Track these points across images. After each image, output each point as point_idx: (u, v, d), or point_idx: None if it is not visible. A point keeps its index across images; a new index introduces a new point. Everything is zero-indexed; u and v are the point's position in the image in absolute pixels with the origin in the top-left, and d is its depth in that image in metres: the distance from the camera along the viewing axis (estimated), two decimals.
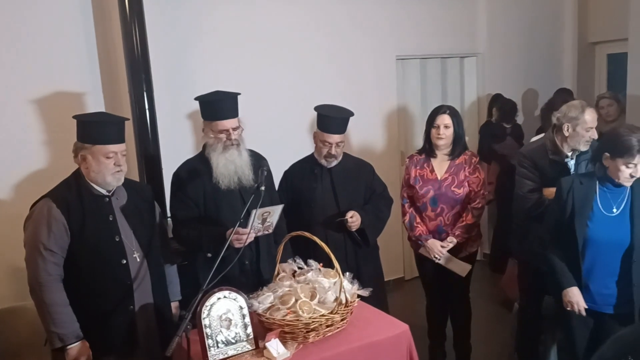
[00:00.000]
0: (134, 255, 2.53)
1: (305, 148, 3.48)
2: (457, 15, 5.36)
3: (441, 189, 3.41)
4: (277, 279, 2.62)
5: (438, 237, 3.44)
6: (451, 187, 3.40)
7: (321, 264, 2.64)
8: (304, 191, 3.32)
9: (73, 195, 2.45)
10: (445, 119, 3.38)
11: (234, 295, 2.33)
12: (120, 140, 2.50)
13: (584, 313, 2.72)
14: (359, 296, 2.54)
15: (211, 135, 2.87)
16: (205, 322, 2.25)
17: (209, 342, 2.24)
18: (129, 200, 2.59)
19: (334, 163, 3.31)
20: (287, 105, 4.44)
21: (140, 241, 2.57)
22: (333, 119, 3.21)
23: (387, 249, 4.16)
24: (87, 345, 2.40)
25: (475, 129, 5.54)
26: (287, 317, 2.32)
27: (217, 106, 2.84)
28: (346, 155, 3.40)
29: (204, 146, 2.95)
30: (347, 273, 2.59)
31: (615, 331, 2.12)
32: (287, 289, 2.48)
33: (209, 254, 2.80)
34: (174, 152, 3.60)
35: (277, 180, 3.30)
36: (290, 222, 3.17)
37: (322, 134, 3.23)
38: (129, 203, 2.58)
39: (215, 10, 4.14)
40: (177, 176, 2.96)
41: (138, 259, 2.54)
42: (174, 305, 2.82)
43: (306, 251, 2.74)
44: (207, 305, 2.26)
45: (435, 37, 5.25)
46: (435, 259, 3.44)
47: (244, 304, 2.34)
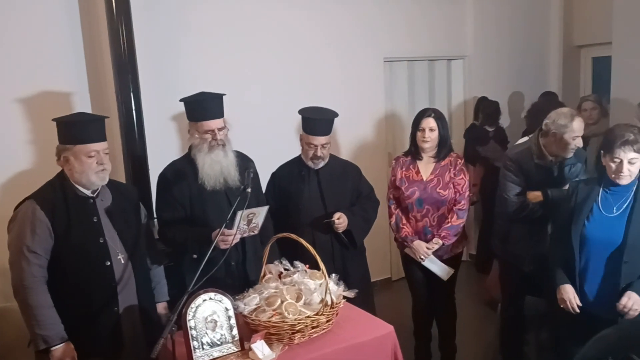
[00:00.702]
0: (119, 257, 2.52)
1: (292, 149, 3.49)
2: (444, 18, 5.40)
3: (427, 190, 3.43)
4: (264, 280, 2.62)
5: (424, 238, 3.46)
6: (436, 189, 3.42)
7: (307, 265, 2.65)
8: (292, 193, 3.33)
9: (57, 196, 2.44)
10: (430, 122, 3.40)
11: (219, 296, 2.34)
12: (101, 138, 2.49)
13: (577, 310, 2.71)
14: (345, 297, 2.55)
15: (197, 136, 2.87)
16: (191, 323, 2.25)
17: (194, 343, 2.25)
18: (113, 201, 2.58)
19: (321, 165, 3.32)
20: (275, 106, 4.44)
21: (125, 243, 2.56)
22: (317, 121, 3.22)
23: (374, 250, 4.19)
24: (71, 346, 2.39)
25: (462, 131, 5.58)
26: (273, 319, 2.33)
27: (202, 106, 2.84)
28: (333, 157, 3.42)
29: (190, 147, 2.95)
30: (333, 274, 2.61)
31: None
32: (273, 290, 2.48)
33: (195, 255, 2.80)
34: (161, 153, 3.59)
35: (263, 182, 3.31)
36: (277, 224, 3.18)
37: (308, 136, 3.24)
38: (114, 204, 2.57)
39: (203, 11, 4.13)
40: (162, 177, 2.96)
41: (123, 261, 2.53)
42: (162, 306, 2.81)
43: (293, 252, 2.74)
44: (192, 307, 2.26)
45: (422, 40, 5.29)
46: (420, 260, 3.46)
47: (229, 305, 2.35)
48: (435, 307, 3.73)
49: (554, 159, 3.19)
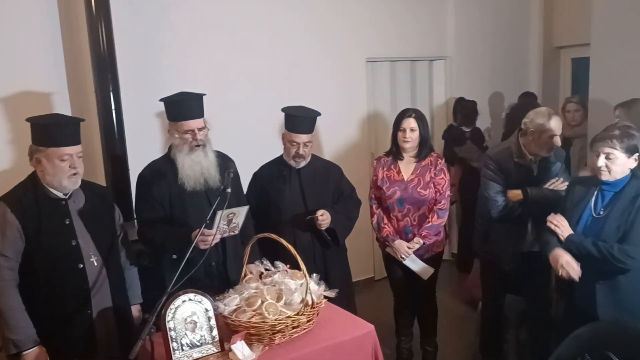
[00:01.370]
0: (92, 260, 2.49)
1: (273, 150, 3.48)
2: (426, 19, 5.44)
3: (407, 190, 3.45)
4: (244, 280, 2.62)
5: (405, 238, 3.48)
6: (417, 189, 3.44)
7: (288, 265, 2.65)
8: (273, 192, 3.32)
9: (29, 198, 2.40)
10: (411, 123, 3.42)
11: (199, 297, 2.32)
12: (75, 142, 2.44)
13: (576, 278, 2.60)
14: (326, 297, 2.55)
15: (177, 136, 2.85)
16: (170, 325, 2.23)
17: (173, 345, 2.23)
18: (87, 203, 2.54)
19: (303, 164, 3.32)
20: (256, 106, 4.43)
21: (99, 245, 2.53)
22: (300, 118, 3.23)
23: (357, 250, 4.20)
24: (44, 350, 2.37)
25: (442, 131, 5.62)
26: (253, 319, 2.32)
27: (182, 106, 2.82)
28: (315, 157, 3.42)
29: (170, 147, 2.93)
30: (314, 274, 2.61)
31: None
32: (254, 290, 2.48)
33: (175, 256, 2.78)
34: (141, 153, 3.54)
35: (244, 182, 3.30)
36: (258, 224, 3.18)
37: (290, 134, 3.24)
38: (87, 206, 2.54)
39: (185, 10, 4.11)
40: (142, 178, 2.94)
41: (96, 263, 2.51)
42: (135, 308, 2.79)
43: (274, 252, 2.74)
44: (172, 308, 2.25)
45: (404, 40, 5.31)
46: (401, 259, 3.48)
47: (209, 306, 2.34)
48: (416, 306, 3.75)
49: (533, 157, 3.23)
